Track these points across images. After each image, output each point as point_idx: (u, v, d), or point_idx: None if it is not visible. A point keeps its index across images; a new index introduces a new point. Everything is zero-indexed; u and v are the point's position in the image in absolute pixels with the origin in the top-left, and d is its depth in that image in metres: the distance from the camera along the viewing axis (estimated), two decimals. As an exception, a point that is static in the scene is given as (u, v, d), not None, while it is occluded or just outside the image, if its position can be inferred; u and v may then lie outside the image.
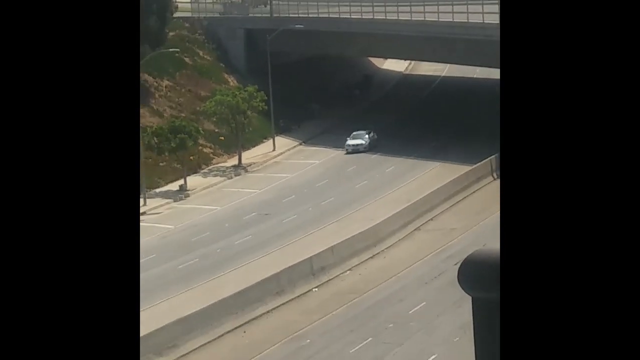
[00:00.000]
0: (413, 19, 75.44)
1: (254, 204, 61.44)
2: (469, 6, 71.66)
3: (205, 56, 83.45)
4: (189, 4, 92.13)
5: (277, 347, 40.39)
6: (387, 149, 71.15)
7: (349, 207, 57.68)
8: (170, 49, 73.59)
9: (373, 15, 78.81)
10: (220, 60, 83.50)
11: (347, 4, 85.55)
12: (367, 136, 72.58)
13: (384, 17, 77.98)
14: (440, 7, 74.13)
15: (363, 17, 79.82)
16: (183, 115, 71.72)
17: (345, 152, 72.49)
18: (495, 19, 60.90)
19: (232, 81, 79.62)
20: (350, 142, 72.23)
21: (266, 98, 70.61)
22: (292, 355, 39.96)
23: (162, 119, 70.51)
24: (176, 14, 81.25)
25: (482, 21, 66.82)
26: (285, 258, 48.30)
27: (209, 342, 41.04)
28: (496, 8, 64.91)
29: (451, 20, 71.30)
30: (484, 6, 66.84)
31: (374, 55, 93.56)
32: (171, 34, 79.72)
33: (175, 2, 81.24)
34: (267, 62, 73.57)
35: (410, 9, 76.75)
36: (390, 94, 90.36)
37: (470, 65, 79.24)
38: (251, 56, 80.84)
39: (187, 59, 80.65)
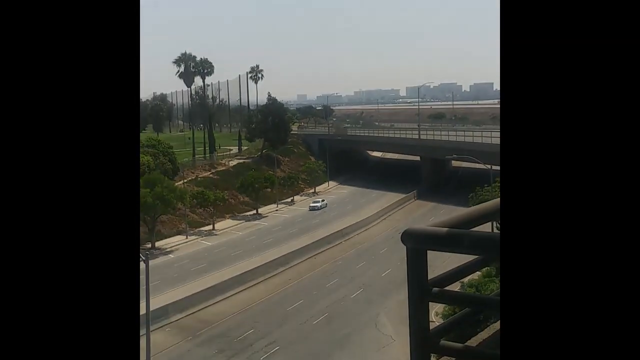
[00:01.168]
0: (395, 135, 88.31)
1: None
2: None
3: (302, 149, 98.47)
4: (296, 125, 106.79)
5: (328, 265, 45.23)
6: (370, 185, 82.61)
7: (361, 209, 66.12)
8: (287, 146, 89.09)
9: (378, 133, 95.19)
10: (308, 150, 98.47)
11: (367, 128, 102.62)
12: (320, 202, 71.36)
13: (380, 134, 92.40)
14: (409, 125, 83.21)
15: (370, 134, 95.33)
16: (293, 172, 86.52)
17: (308, 209, 68.91)
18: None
19: (312, 159, 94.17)
20: (311, 204, 71.12)
21: (325, 165, 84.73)
22: (335, 267, 44.17)
23: (284, 173, 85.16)
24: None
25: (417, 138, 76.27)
26: (332, 229, 55.66)
27: (298, 262, 45.63)
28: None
29: (409, 136, 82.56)
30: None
31: (371, 150, 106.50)
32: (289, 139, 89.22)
33: (291, 126, 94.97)
34: (327, 152, 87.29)
35: (392, 126, 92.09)
36: (375, 165, 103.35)
37: (401, 153, 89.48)
38: (320, 150, 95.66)
39: (295, 150, 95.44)
